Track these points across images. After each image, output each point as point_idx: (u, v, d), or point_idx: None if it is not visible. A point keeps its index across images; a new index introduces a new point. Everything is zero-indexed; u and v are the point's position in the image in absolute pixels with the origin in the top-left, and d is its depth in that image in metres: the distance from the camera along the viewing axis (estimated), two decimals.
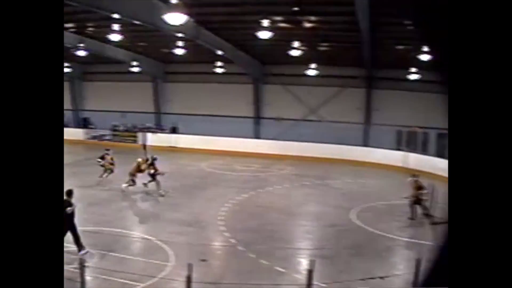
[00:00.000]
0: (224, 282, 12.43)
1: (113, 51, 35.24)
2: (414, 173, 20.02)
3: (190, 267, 9.07)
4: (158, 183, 22.64)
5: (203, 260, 13.94)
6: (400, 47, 29.55)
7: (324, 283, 12.07)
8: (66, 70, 40.33)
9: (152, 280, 12.11)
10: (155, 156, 23.66)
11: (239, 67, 37.10)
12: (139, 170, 22.91)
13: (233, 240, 15.99)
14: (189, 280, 9.09)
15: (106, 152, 25.60)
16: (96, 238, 15.00)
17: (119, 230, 16.42)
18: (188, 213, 19.18)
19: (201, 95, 41.59)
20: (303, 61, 33.65)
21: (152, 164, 22.97)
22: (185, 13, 12.78)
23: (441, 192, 20.11)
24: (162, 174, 22.84)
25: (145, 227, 17.49)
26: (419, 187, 19.24)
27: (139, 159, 23.27)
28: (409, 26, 24.10)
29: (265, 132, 40.05)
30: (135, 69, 38.11)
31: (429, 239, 16.57)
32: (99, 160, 25.23)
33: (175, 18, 12.38)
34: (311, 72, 36.01)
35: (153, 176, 22.80)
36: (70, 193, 13.73)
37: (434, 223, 18.79)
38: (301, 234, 17.56)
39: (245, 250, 14.94)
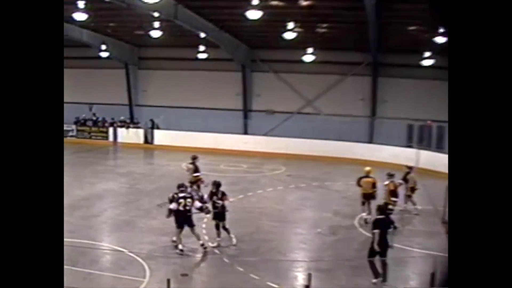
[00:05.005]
0: None
1: (77, 33, 35.03)
2: (390, 173, 19.97)
3: (168, 283, 9.04)
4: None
5: (184, 275, 13.90)
6: (412, 28, 29.57)
7: None
8: None
9: None
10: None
11: (224, 52, 37.01)
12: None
13: (217, 251, 15.96)
14: None
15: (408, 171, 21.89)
16: None
17: (85, 241, 16.30)
18: (166, 220, 18.98)
19: (180, 84, 41.54)
20: (299, 45, 33.62)
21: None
22: None
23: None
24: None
25: (115, 238, 17.41)
26: (393, 192, 19.25)
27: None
28: (422, 4, 24.22)
29: (254, 127, 40.00)
30: (104, 54, 37.93)
31: (444, 251, 16.60)
32: (401, 182, 21.10)
33: None
34: (308, 57, 35.96)
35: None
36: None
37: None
38: (296, 244, 17.56)
39: (232, 262, 14.91)
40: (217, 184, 17.03)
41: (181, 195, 15.98)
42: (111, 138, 41.90)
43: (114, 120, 42.53)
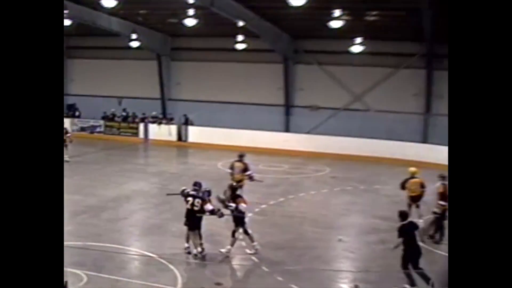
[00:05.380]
0: None
1: (106, 21, 35.30)
2: (442, 174, 19.10)
3: None
4: None
5: (218, 284, 13.90)
6: None
7: None
8: None
9: None
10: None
11: (265, 43, 36.91)
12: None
13: (256, 259, 15.95)
14: None
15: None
16: (82, 255, 15.01)
17: (113, 245, 16.44)
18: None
19: (217, 77, 41.49)
20: (346, 34, 33.37)
21: None
22: None
23: None
24: None
25: (145, 242, 17.49)
26: (442, 195, 18.48)
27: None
28: None
29: (297, 124, 39.87)
30: (134, 44, 38.10)
31: None
32: None
33: None
34: (356, 48, 35.65)
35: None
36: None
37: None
38: (342, 252, 17.42)
39: (271, 271, 14.87)
40: (232, 188, 16.95)
41: (191, 193, 16.06)
42: (141, 134, 42.18)
43: (145, 115, 42.77)
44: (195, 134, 40.40)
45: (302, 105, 40.44)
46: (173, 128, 41.30)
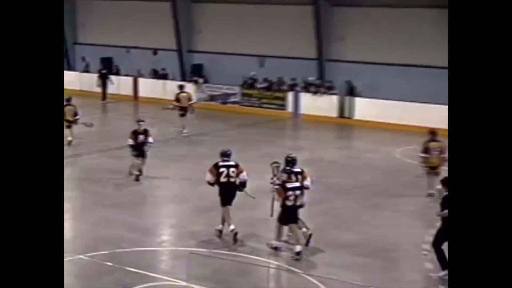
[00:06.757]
0: None
1: None
2: None
3: None
4: None
5: None
6: None
7: None
8: None
9: None
10: None
11: None
12: None
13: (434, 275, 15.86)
14: None
15: None
16: (209, 267, 15.25)
17: (249, 256, 16.70)
18: (366, 233, 18.96)
19: (396, 30, 40.54)
20: None
21: None
22: None
23: None
24: None
25: (288, 253, 17.41)
26: None
27: None
28: None
29: None
30: None
31: None
32: None
33: None
34: None
35: None
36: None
37: None
38: None
39: None
40: (287, 160, 17.95)
41: (221, 164, 17.65)
42: (290, 107, 42.18)
43: (296, 82, 42.65)
44: (363, 108, 39.82)
45: None
46: (334, 99, 40.98)
